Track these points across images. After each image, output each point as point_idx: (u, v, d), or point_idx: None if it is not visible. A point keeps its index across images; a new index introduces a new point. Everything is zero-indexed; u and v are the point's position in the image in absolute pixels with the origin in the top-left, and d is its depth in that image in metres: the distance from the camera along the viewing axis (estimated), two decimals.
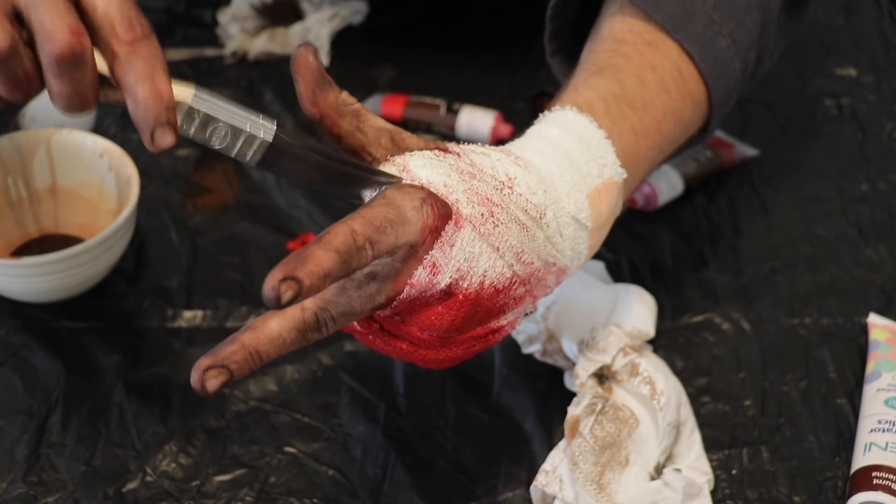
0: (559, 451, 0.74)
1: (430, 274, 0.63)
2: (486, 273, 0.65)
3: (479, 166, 0.65)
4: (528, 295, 0.68)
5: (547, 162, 0.68)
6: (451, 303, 0.64)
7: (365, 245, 0.59)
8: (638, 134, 0.72)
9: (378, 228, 0.60)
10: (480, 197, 0.64)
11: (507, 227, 0.65)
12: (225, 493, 0.75)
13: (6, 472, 0.76)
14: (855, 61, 1.06)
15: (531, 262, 0.66)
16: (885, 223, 0.93)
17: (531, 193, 0.66)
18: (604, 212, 0.70)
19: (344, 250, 0.59)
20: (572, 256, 0.69)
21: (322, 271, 0.57)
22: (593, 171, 0.69)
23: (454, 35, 1.08)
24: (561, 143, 0.69)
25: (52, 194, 0.89)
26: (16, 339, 0.83)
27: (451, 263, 0.63)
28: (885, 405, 0.77)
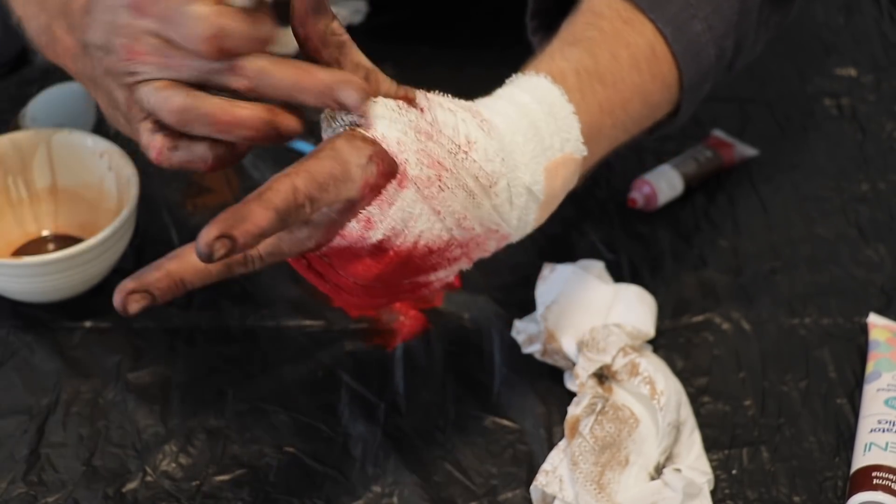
0: (559, 451, 0.74)
1: (362, 228, 0.63)
2: (422, 234, 0.65)
3: (439, 125, 0.65)
4: (464, 256, 0.68)
5: (512, 128, 0.67)
6: (380, 257, 0.65)
7: (305, 203, 0.60)
8: (604, 111, 0.72)
9: (321, 186, 0.61)
10: (431, 160, 0.64)
11: (453, 193, 0.65)
12: (225, 493, 0.75)
13: (6, 472, 0.76)
14: (855, 61, 1.06)
15: (472, 227, 0.66)
16: (885, 223, 0.93)
17: (487, 161, 0.66)
18: (557, 186, 0.69)
19: (283, 209, 0.59)
20: (518, 226, 0.69)
21: (258, 230, 0.58)
22: (555, 145, 0.69)
23: (454, 33, 1.08)
24: (530, 111, 0.68)
25: (53, 194, 0.89)
26: (16, 339, 0.83)
27: (387, 221, 0.63)
28: (885, 405, 0.77)
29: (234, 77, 0.63)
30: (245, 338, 0.84)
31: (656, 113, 0.77)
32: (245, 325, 0.85)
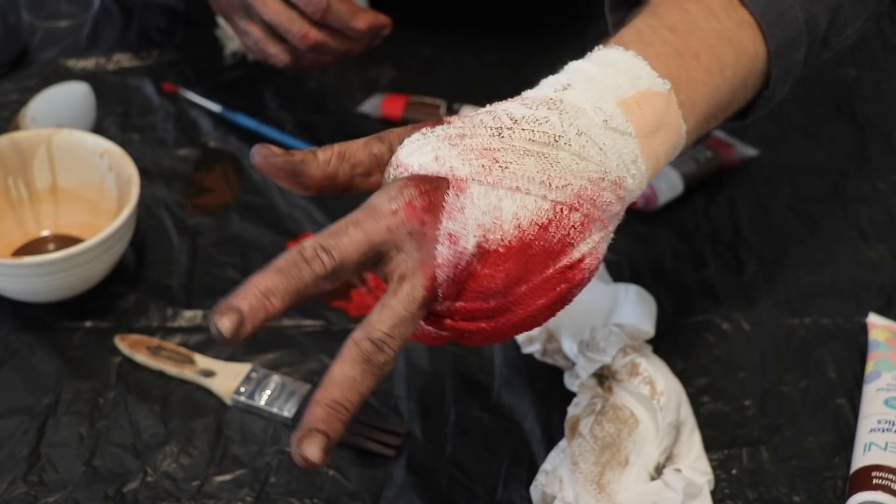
0: (559, 451, 0.74)
1: (451, 244, 0.60)
2: (518, 215, 0.61)
3: (472, 124, 0.63)
4: (589, 220, 0.63)
5: (561, 91, 0.64)
6: (491, 259, 0.61)
7: (315, 254, 0.59)
8: (685, 55, 0.67)
9: (333, 233, 0.60)
10: (476, 151, 0.61)
11: (519, 164, 0.61)
12: (225, 493, 0.75)
13: (6, 472, 0.76)
14: (855, 61, 1.06)
15: (567, 183, 0.62)
16: (885, 223, 0.93)
17: (539, 124, 0.62)
18: (649, 118, 0.64)
19: (285, 266, 0.59)
20: (622, 166, 0.63)
21: (259, 291, 0.58)
22: (623, 85, 0.64)
23: (454, 35, 1.08)
24: (579, 69, 0.65)
25: (53, 194, 0.89)
26: (16, 339, 0.83)
27: (469, 224, 0.60)
28: (885, 405, 0.77)
29: None
30: None
31: (752, 64, 0.71)
32: None
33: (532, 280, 0.62)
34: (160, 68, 1.04)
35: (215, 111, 1.00)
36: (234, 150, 0.98)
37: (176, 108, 1.01)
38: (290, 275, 0.59)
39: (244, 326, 0.57)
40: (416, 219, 0.60)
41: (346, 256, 0.59)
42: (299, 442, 0.58)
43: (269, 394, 0.79)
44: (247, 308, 0.57)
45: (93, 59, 1.05)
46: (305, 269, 0.59)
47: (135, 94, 1.02)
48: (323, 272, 0.59)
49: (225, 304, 0.57)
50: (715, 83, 0.69)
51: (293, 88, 1.04)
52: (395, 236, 0.60)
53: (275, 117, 1.00)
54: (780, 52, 0.71)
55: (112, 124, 0.99)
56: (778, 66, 0.72)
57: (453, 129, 0.63)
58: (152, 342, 0.82)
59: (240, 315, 0.57)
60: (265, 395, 0.79)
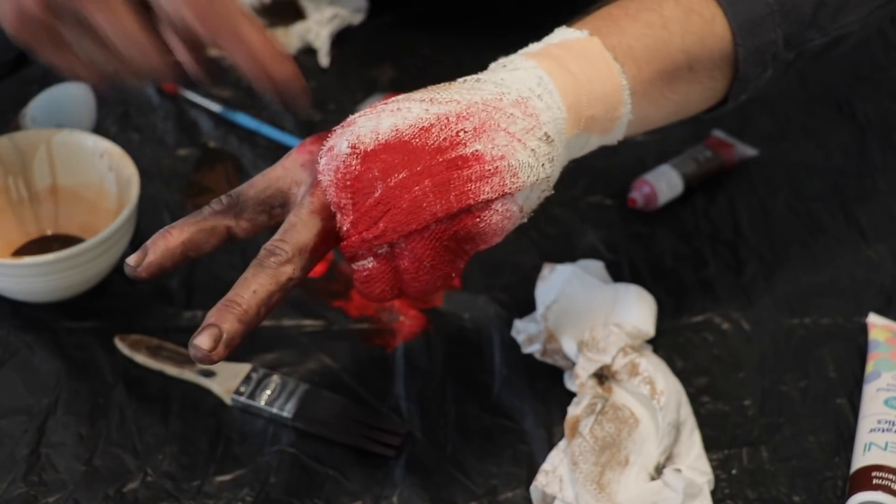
0: (559, 451, 0.74)
1: (327, 153, 0.65)
2: (396, 124, 0.64)
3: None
4: (487, 126, 0.65)
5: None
6: (368, 157, 0.64)
7: (218, 197, 0.67)
8: (616, 16, 0.71)
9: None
10: (371, 107, 0.66)
11: (407, 98, 0.66)
12: (225, 493, 0.75)
13: (6, 471, 0.76)
14: (855, 61, 1.06)
15: (452, 100, 0.65)
16: (885, 223, 0.93)
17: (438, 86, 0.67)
18: (556, 56, 0.68)
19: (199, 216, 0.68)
20: (523, 88, 0.66)
21: (163, 229, 0.67)
22: (533, 46, 0.69)
23: (454, 35, 1.08)
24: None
25: (53, 194, 0.89)
26: (16, 339, 0.83)
27: (346, 136, 0.65)
28: (885, 405, 0.77)
29: None
30: None
31: (708, 27, 0.72)
32: None
33: (413, 167, 0.64)
34: None
35: (215, 111, 1.00)
36: (234, 150, 0.98)
37: (176, 107, 1.01)
38: (190, 214, 0.67)
39: (146, 256, 0.66)
40: (305, 151, 0.67)
41: (241, 192, 0.67)
42: (192, 338, 0.64)
43: (269, 394, 0.79)
44: (148, 243, 0.67)
45: None
46: (204, 208, 0.67)
47: (135, 94, 1.02)
48: (219, 207, 0.67)
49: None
50: (658, 35, 0.71)
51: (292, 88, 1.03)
52: (290, 172, 0.67)
53: (275, 117, 1.00)
54: (745, 31, 0.72)
55: (112, 124, 0.99)
56: (745, 45, 0.72)
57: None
58: (152, 342, 0.82)
59: (143, 249, 0.66)
60: (265, 395, 0.79)
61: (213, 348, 0.63)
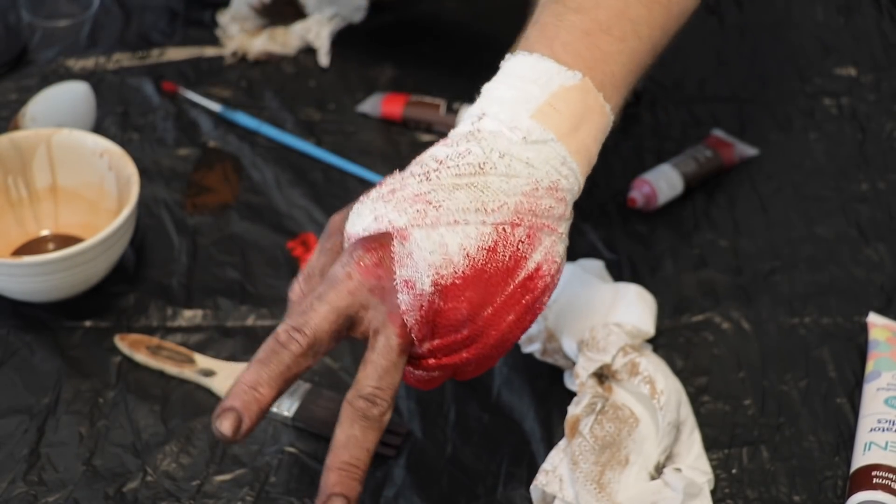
0: (559, 450, 0.74)
1: (408, 290, 0.63)
2: (464, 245, 0.64)
3: (401, 177, 0.66)
4: (535, 230, 0.65)
5: (477, 122, 0.67)
6: (450, 292, 0.64)
7: (289, 336, 0.63)
8: (593, 33, 0.69)
9: (301, 312, 0.63)
10: (409, 200, 0.64)
11: (451, 199, 0.64)
12: (225, 493, 0.75)
13: (6, 471, 0.76)
14: (855, 61, 1.06)
15: (502, 203, 0.65)
16: (885, 223, 0.93)
17: (461, 157, 0.65)
18: (568, 117, 0.67)
19: (265, 356, 0.63)
20: (552, 171, 0.66)
21: (247, 386, 0.62)
22: (534, 93, 0.66)
23: (454, 35, 1.08)
24: (490, 93, 0.68)
25: (53, 194, 0.89)
26: (16, 339, 0.83)
27: (420, 267, 0.63)
28: (885, 404, 0.77)
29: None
30: (245, 338, 0.84)
31: (669, 14, 0.73)
32: (245, 325, 0.85)
33: (495, 300, 0.65)
34: (160, 68, 1.04)
35: (215, 111, 1.00)
36: (233, 150, 0.98)
37: (176, 107, 1.01)
38: (271, 363, 0.63)
39: (243, 423, 0.62)
40: (370, 275, 0.64)
41: (318, 330, 0.63)
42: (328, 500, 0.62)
43: None
44: (240, 405, 0.62)
45: (92, 59, 1.05)
46: (284, 353, 0.63)
47: (134, 94, 1.02)
48: (300, 351, 0.63)
49: (221, 407, 0.62)
50: (632, 47, 0.71)
51: (293, 88, 1.04)
52: (357, 298, 0.64)
53: (275, 117, 1.00)
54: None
55: (112, 124, 0.99)
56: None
57: (385, 187, 0.66)
58: (152, 342, 0.82)
59: (236, 414, 0.62)
60: None
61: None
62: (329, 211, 0.92)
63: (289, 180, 0.95)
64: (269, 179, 0.95)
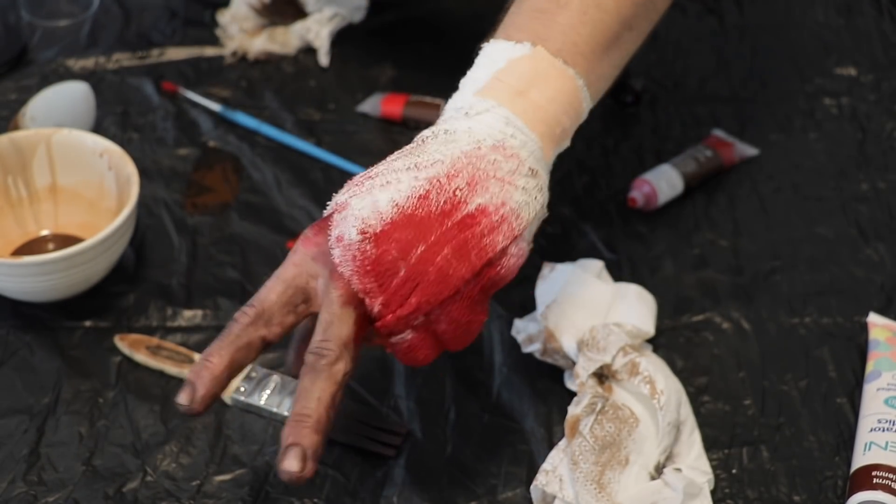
0: (559, 450, 0.74)
1: (338, 243, 0.66)
2: (393, 198, 0.66)
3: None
4: (479, 179, 0.67)
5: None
6: (379, 238, 0.65)
7: (241, 311, 0.68)
8: (548, 10, 0.71)
9: (259, 294, 0.69)
10: (355, 180, 0.68)
11: (389, 168, 0.67)
12: (225, 493, 0.75)
13: (6, 471, 0.76)
14: (855, 61, 1.06)
15: (436, 161, 0.67)
16: (885, 223, 0.93)
17: (411, 144, 0.69)
18: (510, 84, 0.69)
19: (220, 333, 0.68)
20: (494, 132, 0.68)
21: (201, 357, 0.67)
22: (480, 76, 0.71)
23: (454, 34, 1.08)
24: (449, 106, 0.71)
25: (52, 194, 0.89)
26: (16, 339, 0.83)
27: (349, 222, 0.66)
28: (885, 404, 0.77)
29: None
30: None
31: None
32: None
33: (428, 239, 0.66)
34: (160, 68, 1.04)
35: (215, 110, 1.00)
36: (233, 150, 0.98)
37: (176, 107, 1.01)
38: (222, 336, 0.68)
39: (196, 391, 0.66)
40: (311, 244, 0.68)
41: (264, 300, 0.68)
42: (279, 463, 0.65)
43: (269, 393, 0.79)
44: (193, 376, 0.67)
45: (92, 59, 1.05)
46: (234, 325, 0.68)
47: (134, 94, 1.02)
48: (247, 320, 0.67)
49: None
50: (595, 18, 0.72)
51: (293, 88, 1.04)
52: (303, 268, 0.68)
53: (275, 117, 1.00)
54: None
55: (112, 124, 0.99)
56: None
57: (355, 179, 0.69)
58: (152, 342, 0.82)
59: (190, 384, 0.67)
60: (265, 394, 0.79)
61: (303, 467, 0.65)
62: None
63: (289, 180, 0.95)
64: (269, 179, 0.95)
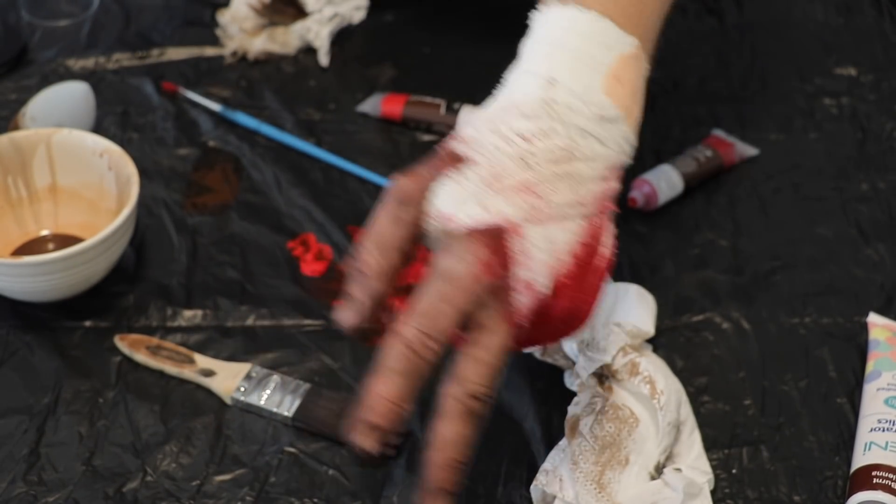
0: (559, 450, 0.74)
1: (527, 291, 0.63)
2: (569, 242, 0.63)
3: (489, 153, 0.63)
4: (605, 213, 0.66)
5: (549, 88, 0.64)
6: (560, 291, 0.64)
7: (424, 345, 0.61)
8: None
9: (426, 314, 0.61)
10: (516, 190, 0.62)
11: (555, 191, 0.62)
12: (225, 493, 0.75)
13: (6, 471, 0.76)
14: (855, 61, 1.06)
15: (592, 194, 0.64)
16: (885, 223, 0.93)
17: (549, 139, 0.63)
18: (628, 91, 0.65)
19: (402, 367, 0.61)
20: (620, 152, 0.66)
21: (389, 401, 0.61)
22: (599, 58, 0.64)
23: (454, 34, 1.08)
24: (555, 46, 0.65)
25: (52, 194, 0.89)
26: (16, 339, 0.83)
27: (538, 269, 0.62)
28: (885, 404, 0.77)
29: None
30: (245, 338, 0.84)
31: None
32: (245, 325, 0.85)
33: (595, 294, 0.65)
34: (160, 68, 1.04)
35: (215, 110, 1.00)
36: (233, 150, 0.98)
37: (175, 107, 1.01)
38: (410, 375, 0.61)
39: (390, 441, 0.63)
40: (492, 274, 0.62)
41: (447, 334, 0.62)
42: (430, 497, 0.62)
43: (269, 393, 0.79)
44: (386, 424, 0.61)
45: (92, 59, 1.05)
46: (421, 363, 0.61)
47: (134, 94, 1.02)
48: (436, 359, 0.62)
49: (363, 423, 0.61)
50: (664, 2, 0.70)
51: (293, 88, 1.04)
52: (478, 298, 0.62)
53: (275, 117, 1.00)
54: None
55: (112, 124, 0.99)
56: None
57: (481, 168, 0.63)
58: (152, 342, 0.82)
59: (381, 433, 0.62)
60: (265, 394, 0.79)
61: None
62: (329, 211, 0.92)
63: (289, 180, 0.95)
64: (269, 179, 0.95)
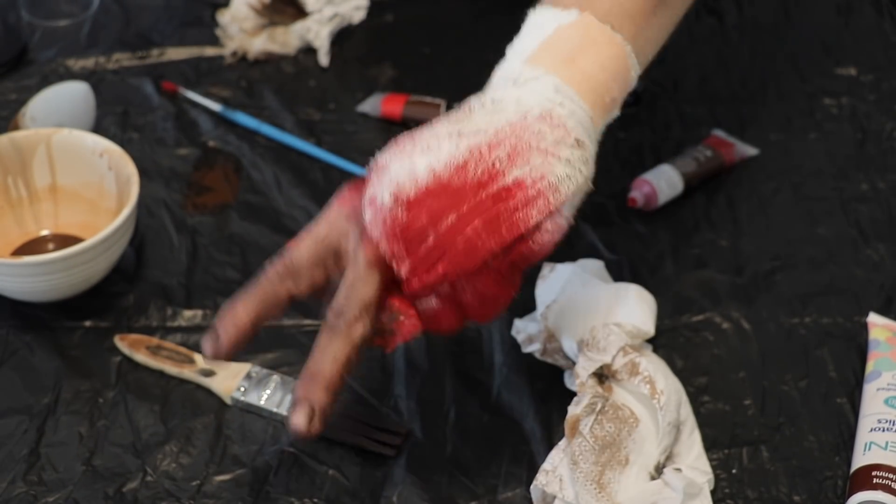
0: (559, 450, 0.74)
1: (370, 206, 0.66)
2: (431, 164, 0.65)
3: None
4: (520, 150, 0.65)
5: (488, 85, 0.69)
6: (411, 204, 0.65)
7: (270, 262, 0.69)
8: None
9: (290, 247, 0.69)
10: (398, 142, 0.67)
11: (432, 133, 0.66)
12: (225, 493, 0.75)
13: (6, 471, 0.76)
14: (855, 61, 1.06)
15: (480, 129, 0.65)
16: (885, 223, 0.93)
17: (458, 110, 0.67)
18: (559, 51, 0.68)
19: (255, 291, 0.69)
20: (543, 101, 0.66)
21: (228, 306, 0.68)
22: (528, 43, 0.69)
23: (454, 34, 1.08)
24: (498, 75, 0.70)
25: (52, 194, 0.89)
26: (16, 339, 0.83)
27: (384, 185, 0.65)
28: (885, 404, 0.77)
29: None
30: None
31: None
32: None
33: (460, 209, 0.65)
34: (160, 68, 1.04)
35: (215, 110, 1.00)
36: (233, 150, 0.98)
37: (175, 107, 1.01)
38: (249, 287, 0.68)
39: (220, 339, 0.67)
40: (345, 202, 0.68)
41: (294, 254, 0.68)
42: (288, 418, 0.66)
43: (269, 393, 0.79)
44: (217, 324, 0.67)
45: (92, 59, 1.05)
46: (262, 277, 0.68)
47: (134, 94, 1.02)
48: (275, 273, 0.68)
49: (213, 330, 0.67)
50: None
51: (293, 88, 1.04)
52: (335, 225, 0.68)
53: (275, 117, 1.00)
54: None
55: (112, 124, 0.99)
56: None
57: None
58: (152, 342, 0.82)
59: (214, 332, 0.67)
60: (265, 394, 0.79)
61: (310, 424, 0.66)
62: None
63: (289, 180, 0.95)
64: (269, 179, 0.95)
